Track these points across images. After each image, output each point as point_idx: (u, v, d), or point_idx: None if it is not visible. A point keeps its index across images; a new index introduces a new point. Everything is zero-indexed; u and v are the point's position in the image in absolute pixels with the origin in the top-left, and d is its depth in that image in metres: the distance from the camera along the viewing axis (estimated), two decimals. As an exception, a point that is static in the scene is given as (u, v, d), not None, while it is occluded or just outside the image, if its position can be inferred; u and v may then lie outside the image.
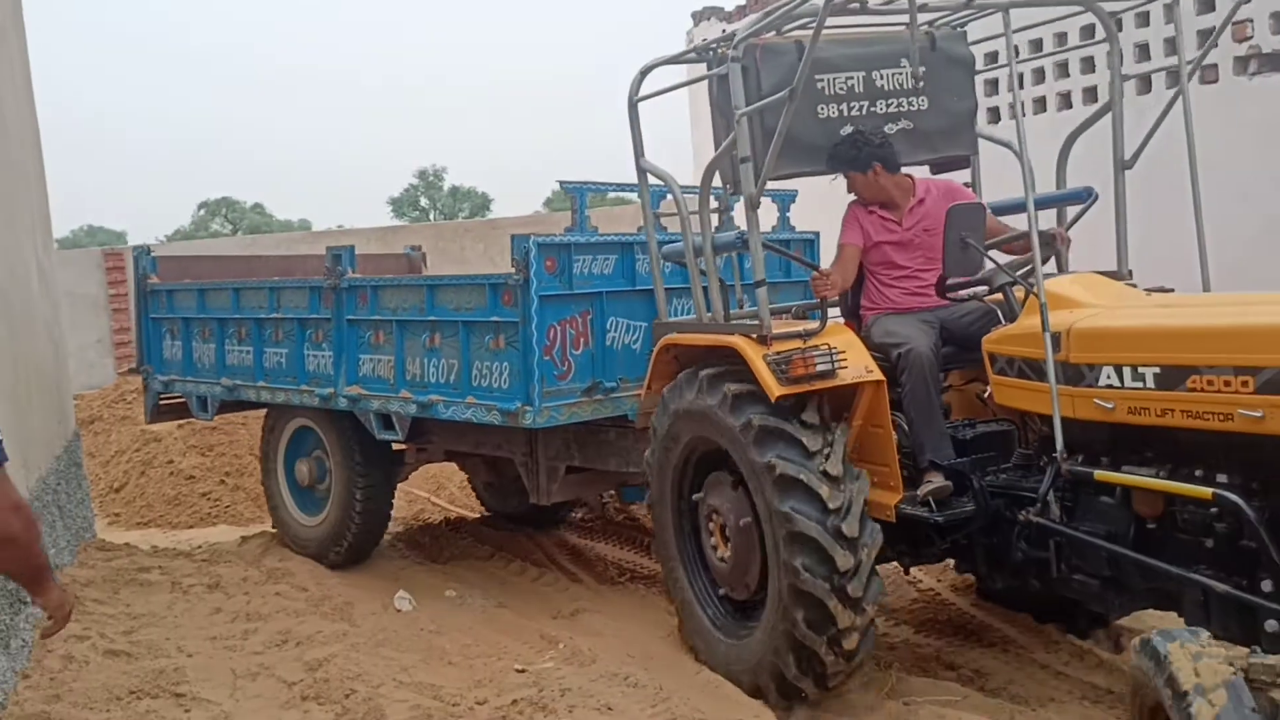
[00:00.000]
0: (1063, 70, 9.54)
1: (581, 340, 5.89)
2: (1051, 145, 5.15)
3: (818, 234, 6.84)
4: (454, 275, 7.27)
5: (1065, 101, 9.53)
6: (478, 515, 8.49)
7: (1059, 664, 4.71)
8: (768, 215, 6.41)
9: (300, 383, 7.02)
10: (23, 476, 5.85)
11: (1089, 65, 9.21)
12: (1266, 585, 3.35)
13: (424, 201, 55.23)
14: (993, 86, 10.01)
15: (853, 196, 5.02)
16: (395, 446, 7.08)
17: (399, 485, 7.53)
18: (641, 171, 5.28)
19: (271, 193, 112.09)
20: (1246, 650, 2.76)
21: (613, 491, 7.38)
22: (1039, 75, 9.77)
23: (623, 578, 6.55)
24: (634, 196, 6.46)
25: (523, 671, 4.99)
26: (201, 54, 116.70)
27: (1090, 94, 9.19)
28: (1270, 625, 3.28)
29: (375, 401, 6.56)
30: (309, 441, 7.38)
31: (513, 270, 5.69)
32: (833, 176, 4.98)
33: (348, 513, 7.00)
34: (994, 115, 10.13)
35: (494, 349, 5.90)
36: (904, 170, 4.96)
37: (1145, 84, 8.31)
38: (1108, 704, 4.24)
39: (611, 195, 7.78)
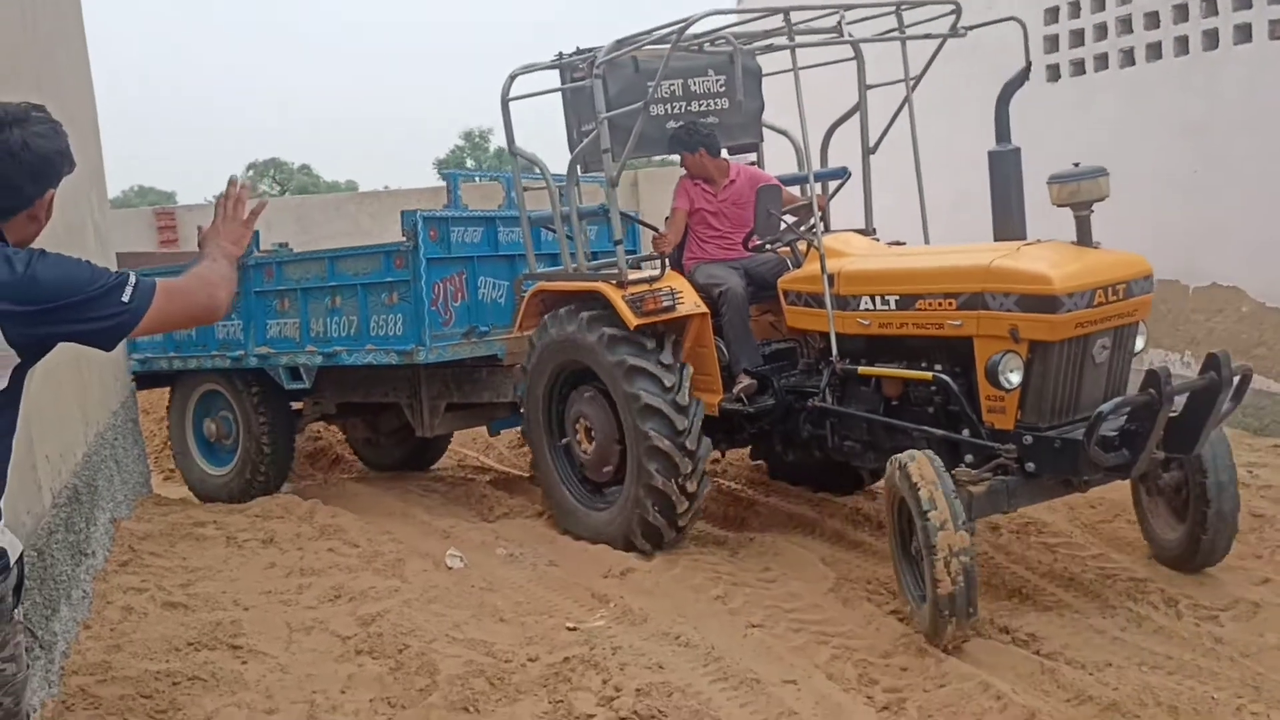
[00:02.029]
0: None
1: (459, 295, 7.41)
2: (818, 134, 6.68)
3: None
4: (351, 247, 8.50)
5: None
6: (528, 475, 8.51)
7: (1115, 629, 4.64)
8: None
9: (210, 350, 8.29)
10: (81, 430, 5.94)
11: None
12: (965, 432, 5.07)
13: (470, 163, 55.20)
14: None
15: (683, 172, 6.60)
16: (294, 406, 8.44)
17: (443, 448, 9.25)
18: (514, 156, 6.76)
19: (319, 154, 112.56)
20: None
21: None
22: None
23: (672, 538, 6.53)
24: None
25: (574, 629, 5.00)
26: (251, 14, 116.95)
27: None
28: (967, 458, 5.01)
29: (284, 357, 7.90)
30: (216, 403, 8.49)
31: (404, 239, 7.13)
32: (664, 157, 6.61)
33: (254, 463, 8.22)
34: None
35: (389, 304, 7.29)
36: (722, 155, 6.58)
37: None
38: (1167, 670, 4.17)
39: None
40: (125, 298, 2.43)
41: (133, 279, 2.47)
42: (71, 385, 5.81)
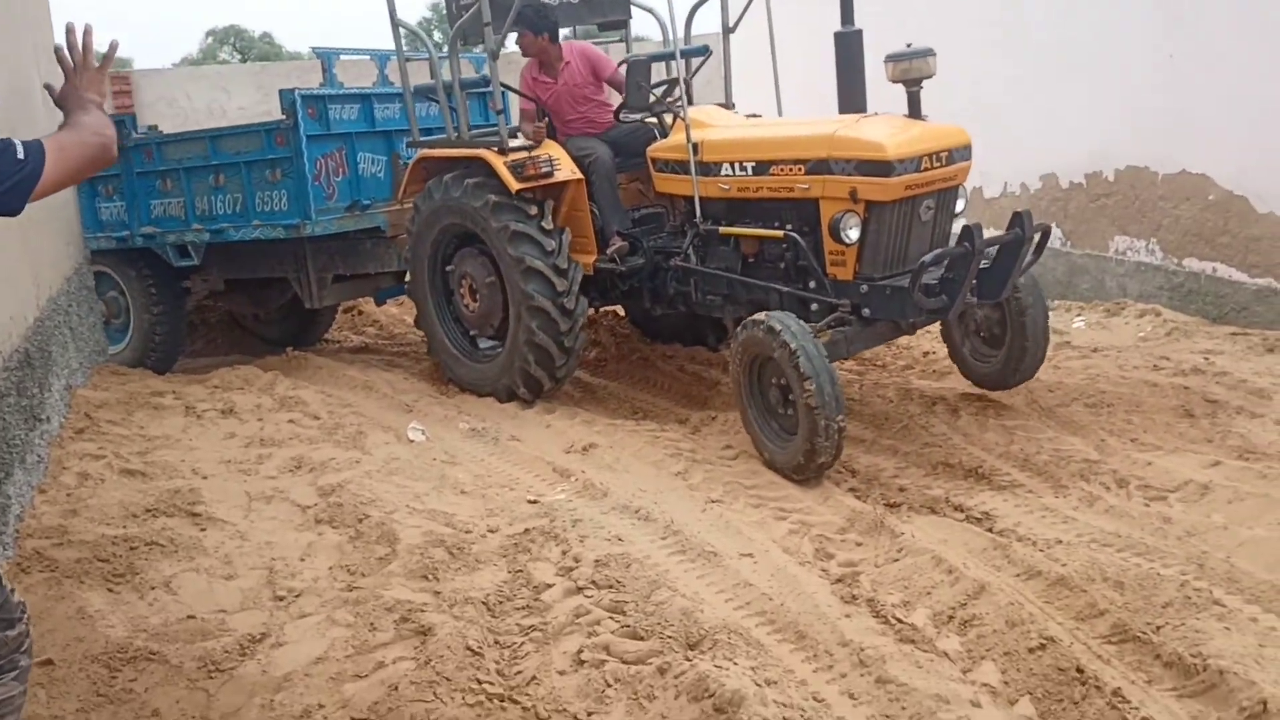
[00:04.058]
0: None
1: (341, 170, 7.76)
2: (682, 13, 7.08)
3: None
4: (231, 126, 8.57)
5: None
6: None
7: (1067, 508, 4.72)
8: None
9: (95, 231, 8.46)
10: (33, 293, 5.81)
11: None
12: (812, 285, 5.69)
13: (437, 36, 53.74)
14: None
15: (525, 61, 7.06)
16: (184, 284, 8.70)
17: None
18: (395, 27, 6.98)
19: (280, 23, 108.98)
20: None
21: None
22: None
23: (635, 416, 6.55)
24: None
25: (535, 502, 5.02)
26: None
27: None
28: (814, 308, 5.64)
29: (171, 235, 8.20)
30: (103, 284, 8.50)
31: (284, 117, 7.40)
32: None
33: (148, 340, 8.48)
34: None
35: (272, 181, 7.59)
36: (563, 35, 7.17)
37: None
38: (1115, 547, 4.25)
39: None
40: (20, 155, 2.34)
41: (17, 141, 2.38)
42: (19, 249, 5.66)
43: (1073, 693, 3.23)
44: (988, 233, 5.33)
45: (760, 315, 5.29)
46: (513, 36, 6.93)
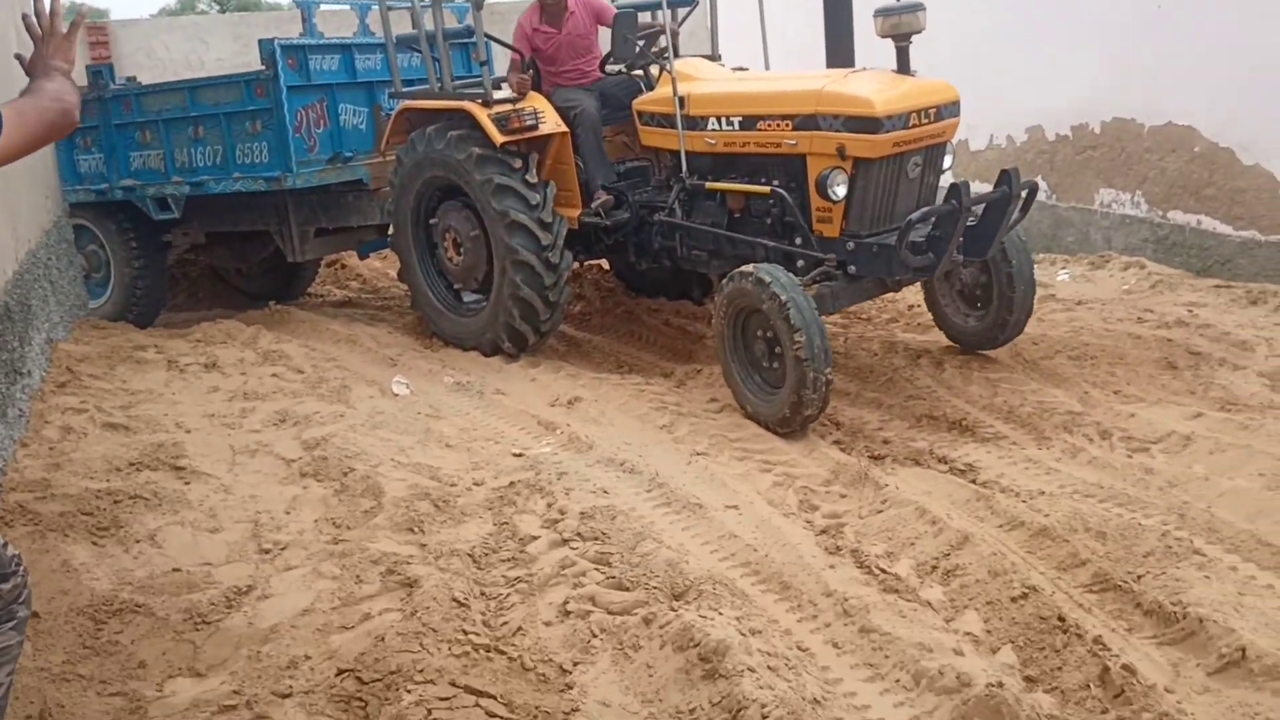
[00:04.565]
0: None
1: (321, 122, 7.61)
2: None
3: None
4: (210, 77, 8.40)
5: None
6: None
7: (1051, 460, 4.74)
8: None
9: (74, 184, 8.34)
10: (11, 246, 5.75)
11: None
12: (798, 241, 5.64)
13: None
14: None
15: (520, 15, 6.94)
16: (165, 238, 8.58)
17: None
18: None
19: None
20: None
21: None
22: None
23: (620, 370, 6.54)
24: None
25: (520, 455, 5.03)
26: None
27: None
28: (800, 264, 5.55)
29: (151, 188, 8.05)
30: (83, 237, 8.43)
31: (263, 68, 7.28)
32: None
33: (130, 294, 8.36)
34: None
35: (253, 133, 7.47)
36: None
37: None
38: (1098, 498, 4.28)
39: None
40: None
41: None
42: (-2, 201, 5.59)
43: (1054, 641, 3.26)
44: (974, 187, 5.30)
45: (748, 267, 5.25)
46: None
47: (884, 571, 3.75)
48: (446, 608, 3.50)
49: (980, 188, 5.45)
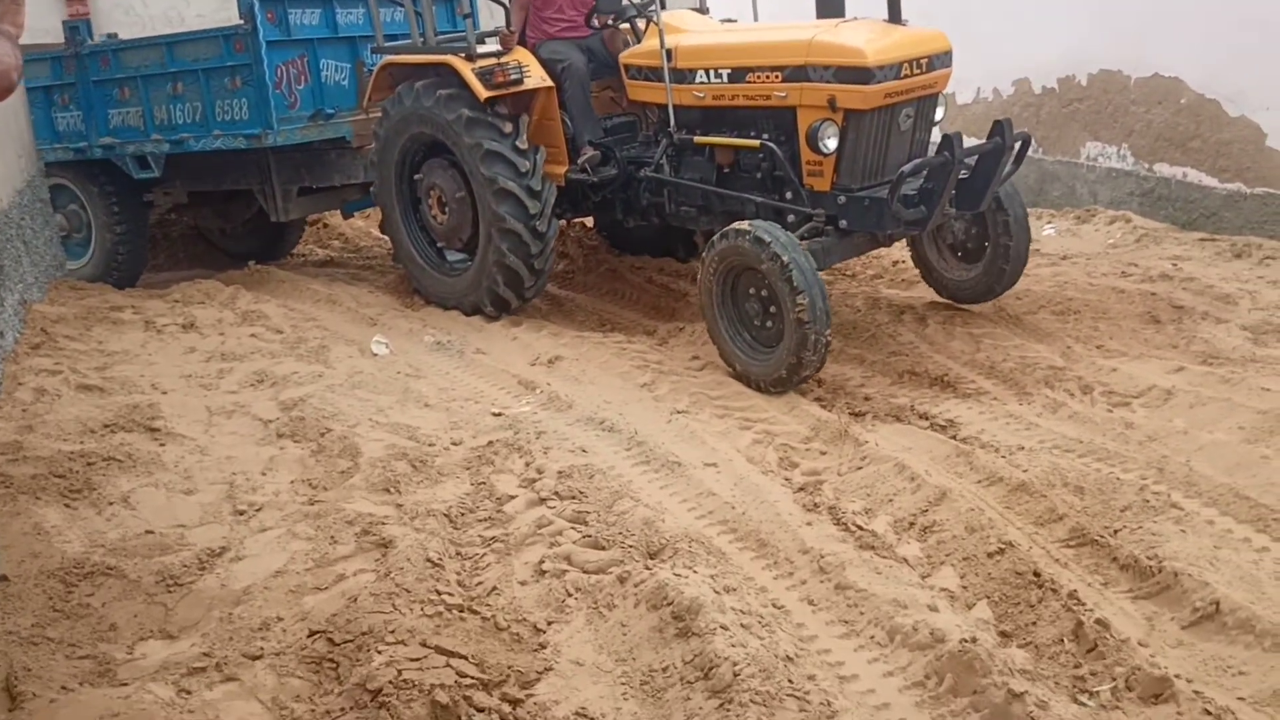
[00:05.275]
0: None
1: (303, 78, 7.46)
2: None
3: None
4: (188, 32, 8.37)
5: None
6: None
7: (1031, 415, 4.72)
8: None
9: (52, 142, 8.19)
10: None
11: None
12: (788, 196, 5.55)
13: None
14: None
15: None
16: (147, 198, 8.43)
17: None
18: None
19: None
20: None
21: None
22: None
23: (602, 328, 6.50)
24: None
25: (499, 415, 4.99)
26: None
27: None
28: (789, 219, 5.47)
29: (130, 146, 7.89)
30: (62, 197, 8.34)
31: (242, 22, 7.10)
32: None
33: (111, 257, 8.24)
34: None
35: (232, 89, 7.34)
36: None
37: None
38: (1077, 453, 4.27)
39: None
40: None
41: None
42: (-34, 161, 5.50)
43: (1029, 596, 3.25)
44: (965, 141, 5.22)
45: (744, 224, 5.12)
46: None
47: (861, 528, 3.73)
48: (420, 568, 3.48)
49: (969, 142, 5.35)
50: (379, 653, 2.98)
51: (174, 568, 3.60)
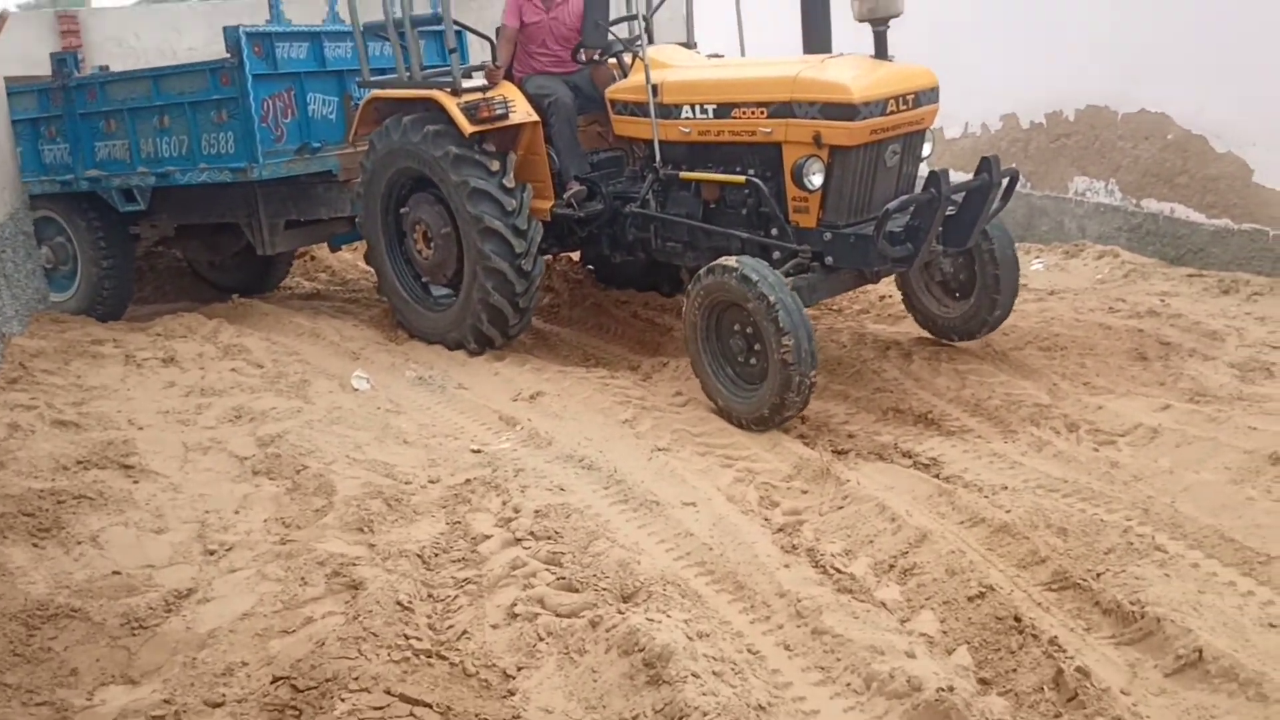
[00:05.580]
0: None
1: (289, 111, 7.45)
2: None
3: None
4: (175, 65, 8.42)
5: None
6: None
7: (1016, 454, 4.67)
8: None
9: (39, 175, 8.14)
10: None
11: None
12: (774, 232, 5.52)
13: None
14: None
15: None
16: (134, 230, 8.42)
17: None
18: None
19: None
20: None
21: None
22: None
23: (586, 363, 6.45)
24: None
25: (478, 452, 4.93)
26: None
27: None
28: (775, 255, 5.45)
29: (116, 179, 7.86)
30: (49, 229, 8.31)
31: (228, 55, 7.07)
32: None
33: (97, 291, 8.15)
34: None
35: (218, 122, 7.31)
36: None
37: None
38: (1061, 493, 4.21)
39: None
40: None
41: None
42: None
43: (1010, 641, 3.19)
44: (951, 176, 5.18)
45: (730, 261, 5.06)
46: None
47: (839, 571, 3.67)
48: (390, 611, 3.41)
49: (957, 177, 5.32)
50: (342, 700, 2.91)
51: (139, 610, 3.53)
